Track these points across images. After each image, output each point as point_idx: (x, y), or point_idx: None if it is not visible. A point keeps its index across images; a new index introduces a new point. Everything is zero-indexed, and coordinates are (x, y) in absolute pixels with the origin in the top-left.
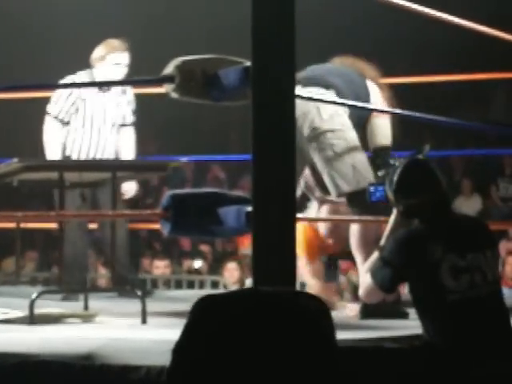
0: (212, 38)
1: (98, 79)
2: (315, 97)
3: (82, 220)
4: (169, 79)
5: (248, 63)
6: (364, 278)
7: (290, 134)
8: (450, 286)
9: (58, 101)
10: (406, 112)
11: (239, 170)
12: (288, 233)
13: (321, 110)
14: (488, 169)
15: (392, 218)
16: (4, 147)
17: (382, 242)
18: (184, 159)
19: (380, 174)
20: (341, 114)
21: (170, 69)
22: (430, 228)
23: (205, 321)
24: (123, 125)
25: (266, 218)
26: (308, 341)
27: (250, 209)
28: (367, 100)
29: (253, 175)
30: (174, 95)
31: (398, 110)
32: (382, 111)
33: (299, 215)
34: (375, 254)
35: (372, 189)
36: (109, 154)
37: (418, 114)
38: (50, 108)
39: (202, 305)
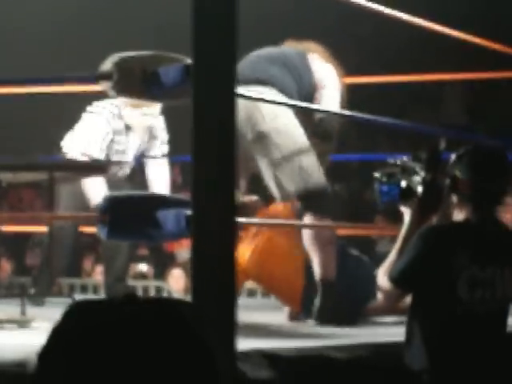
0: (155, 35)
1: (126, 118)
2: (258, 96)
3: None
4: (106, 76)
5: (189, 61)
6: (383, 279)
7: (230, 134)
8: (463, 297)
9: (97, 142)
10: (358, 115)
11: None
12: (228, 237)
13: (263, 111)
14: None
15: (407, 221)
16: None
17: (398, 244)
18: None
19: (379, 175)
20: (285, 112)
21: (107, 65)
22: (462, 230)
23: (72, 326)
24: (151, 156)
25: (206, 222)
26: (181, 348)
27: (189, 212)
28: (310, 78)
29: (192, 177)
30: (112, 93)
31: (350, 113)
32: (336, 113)
33: (240, 219)
34: (393, 254)
35: (385, 188)
36: None
37: (370, 117)
38: (88, 149)
39: (73, 309)
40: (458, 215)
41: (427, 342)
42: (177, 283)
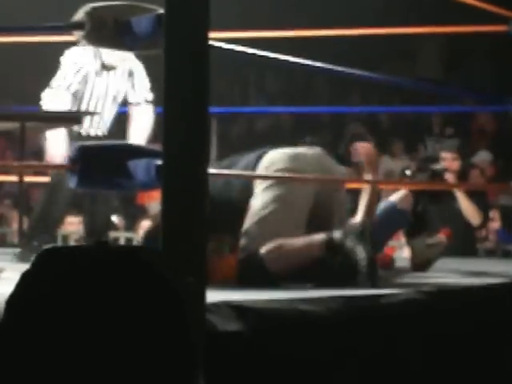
0: None
1: (104, 57)
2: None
3: None
4: (78, 26)
5: (161, 11)
6: None
7: (203, 85)
8: None
9: (66, 76)
10: (332, 67)
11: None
12: (199, 188)
13: None
14: (416, 127)
15: None
16: None
17: None
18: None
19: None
20: None
21: (79, 15)
22: None
23: (41, 271)
24: (133, 103)
25: (176, 172)
26: (153, 296)
27: (160, 162)
28: None
29: (163, 127)
30: (84, 43)
31: (323, 65)
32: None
33: (212, 170)
34: None
35: None
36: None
37: (344, 70)
38: (56, 82)
39: (44, 256)
40: None
41: None
42: None
